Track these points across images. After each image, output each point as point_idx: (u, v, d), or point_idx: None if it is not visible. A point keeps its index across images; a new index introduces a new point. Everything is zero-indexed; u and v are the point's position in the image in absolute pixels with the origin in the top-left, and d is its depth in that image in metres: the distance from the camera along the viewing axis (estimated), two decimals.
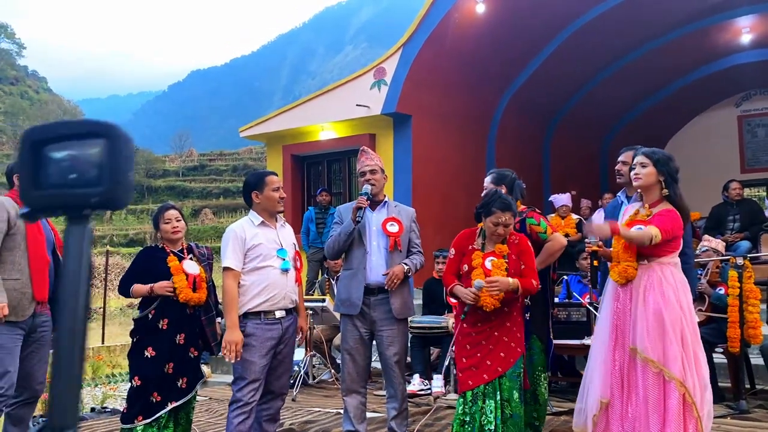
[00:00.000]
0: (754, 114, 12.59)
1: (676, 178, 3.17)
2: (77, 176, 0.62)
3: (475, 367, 3.28)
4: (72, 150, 0.62)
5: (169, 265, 3.64)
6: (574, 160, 11.78)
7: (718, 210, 7.98)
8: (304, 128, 9.37)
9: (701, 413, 2.90)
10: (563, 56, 9.71)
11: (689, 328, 2.99)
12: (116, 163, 0.62)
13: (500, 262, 3.31)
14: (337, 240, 3.74)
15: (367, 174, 3.82)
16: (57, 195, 0.63)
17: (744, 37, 10.24)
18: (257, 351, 3.32)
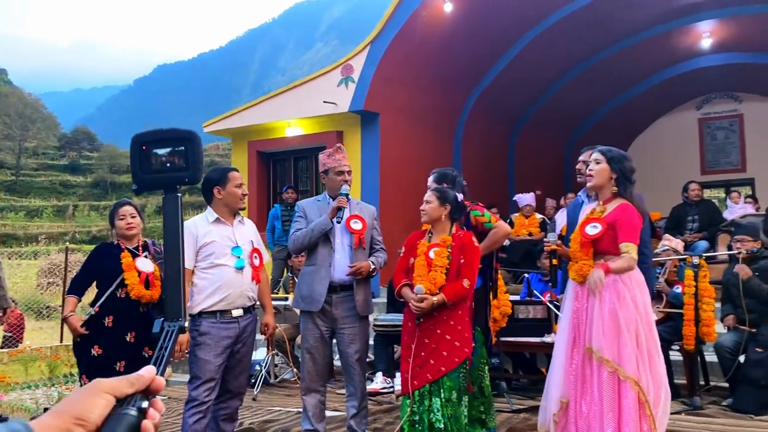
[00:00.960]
0: (714, 117, 12.89)
1: (629, 177, 3.19)
2: (171, 165, 0.95)
3: (419, 366, 3.31)
4: (167, 148, 0.96)
5: (121, 261, 3.57)
6: (540, 160, 11.91)
7: (677, 210, 8.14)
8: (270, 124, 9.29)
9: (654, 412, 2.93)
10: (530, 57, 9.80)
11: (644, 328, 3.02)
12: (196, 156, 0.96)
13: (442, 250, 3.41)
14: (309, 236, 3.68)
15: (345, 174, 3.80)
16: (159, 177, 0.96)
17: (704, 41, 10.46)
18: (212, 350, 3.27)
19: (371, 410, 4.86)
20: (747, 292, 4.76)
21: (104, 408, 0.71)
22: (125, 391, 0.74)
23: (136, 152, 0.97)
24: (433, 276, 3.37)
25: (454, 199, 3.56)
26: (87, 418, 0.70)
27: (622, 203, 3.14)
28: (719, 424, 4.30)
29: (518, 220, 8.37)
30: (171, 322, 0.90)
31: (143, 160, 0.96)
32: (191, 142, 0.96)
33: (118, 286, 3.60)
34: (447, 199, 3.53)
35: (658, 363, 3.03)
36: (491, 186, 10.18)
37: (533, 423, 4.36)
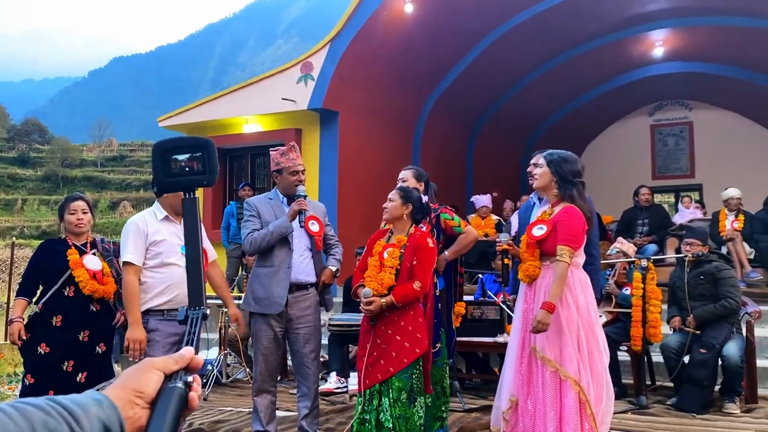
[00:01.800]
0: (665, 124, 13.26)
1: (570, 179, 3.21)
2: (190, 169, 1.05)
3: (371, 366, 3.32)
4: (186, 154, 1.05)
5: (68, 258, 3.46)
6: (497, 162, 12.05)
7: (628, 214, 8.34)
8: (227, 120, 9.16)
9: (595, 411, 2.99)
10: (488, 61, 9.91)
11: (585, 329, 3.06)
12: (212, 162, 1.05)
13: (395, 251, 3.43)
14: (268, 238, 3.60)
15: (300, 174, 3.74)
16: (179, 180, 1.06)
17: (657, 50, 10.75)
18: (160, 347, 3.20)
19: (324, 410, 4.83)
20: (691, 297, 4.90)
21: (157, 382, 0.82)
22: (172, 368, 0.85)
23: (157, 158, 1.06)
24: (382, 276, 3.38)
25: (418, 199, 3.57)
26: (144, 391, 0.81)
27: (567, 206, 3.18)
28: (663, 422, 4.41)
29: (474, 221, 8.46)
30: (194, 310, 1.00)
31: (164, 165, 1.05)
32: (207, 148, 1.05)
33: (65, 284, 3.49)
34: (410, 198, 3.53)
35: (599, 363, 3.08)
36: (450, 187, 10.24)
37: (485, 422, 4.40)
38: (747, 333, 4.94)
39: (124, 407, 0.78)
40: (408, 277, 3.38)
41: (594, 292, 3.60)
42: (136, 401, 0.80)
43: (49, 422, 0.70)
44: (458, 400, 4.90)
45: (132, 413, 0.79)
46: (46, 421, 0.70)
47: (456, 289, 4.14)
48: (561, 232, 3.09)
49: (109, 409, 0.76)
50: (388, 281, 3.35)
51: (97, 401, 0.76)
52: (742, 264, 7.34)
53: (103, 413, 0.75)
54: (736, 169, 11.54)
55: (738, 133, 12.41)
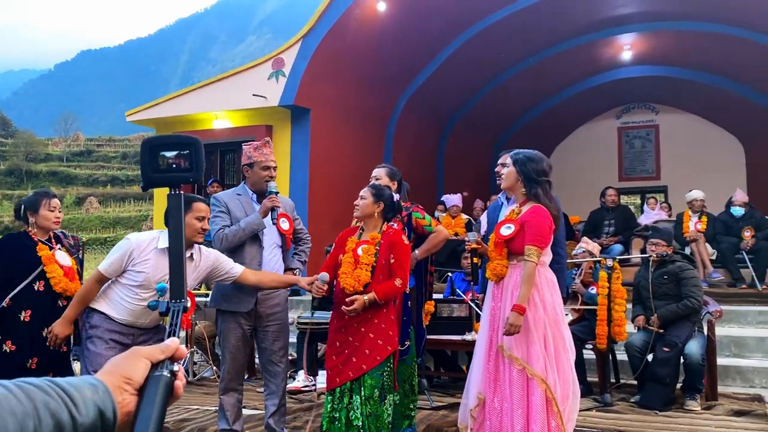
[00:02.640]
0: (632, 126, 13.49)
1: (535, 178, 3.24)
2: (177, 166, 1.08)
3: (342, 364, 3.30)
4: (174, 151, 1.08)
5: (39, 254, 3.39)
6: (468, 161, 12.13)
7: (595, 215, 8.47)
8: (197, 116, 9.05)
9: (562, 408, 3.02)
10: (460, 61, 9.96)
11: (552, 327, 3.10)
12: (199, 160, 1.09)
13: (370, 248, 3.41)
14: (240, 235, 3.55)
15: (272, 170, 3.69)
16: (166, 177, 1.08)
17: (625, 53, 10.94)
18: (102, 343, 3.11)
19: (292, 408, 4.80)
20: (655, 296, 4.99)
21: (144, 370, 0.85)
22: (158, 357, 0.87)
23: (146, 154, 1.09)
24: (358, 273, 3.36)
25: (389, 197, 3.56)
26: (133, 378, 0.84)
27: (534, 206, 3.21)
28: (627, 419, 4.48)
29: (445, 220, 8.51)
30: (175, 302, 1.03)
31: (152, 161, 1.08)
32: (195, 146, 1.08)
33: (35, 279, 3.42)
34: (382, 196, 3.51)
35: (565, 362, 3.11)
36: (421, 186, 10.27)
37: (452, 420, 4.42)
38: (708, 332, 5.04)
39: (114, 393, 0.80)
40: (384, 275, 3.38)
41: (560, 291, 3.65)
42: (125, 387, 0.82)
43: (50, 403, 0.72)
44: (426, 397, 4.91)
45: (121, 399, 0.81)
46: (47, 401, 0.72)
47: (426, 288, 4.16)
48: (529, 232, 3.12)
49: (104, 393, 0.78)
50: (365, 278, 3.34)
51: (93, 385, 0.78)
52: (705, 264, 7.51)
53: (99, 398, 0.77)
54: (701, 172, 11.80)
55: (702, 136, 12.70)
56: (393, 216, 3.62)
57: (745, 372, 5.55)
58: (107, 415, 0.77)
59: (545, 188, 3.24)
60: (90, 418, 0.75)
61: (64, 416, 0.72)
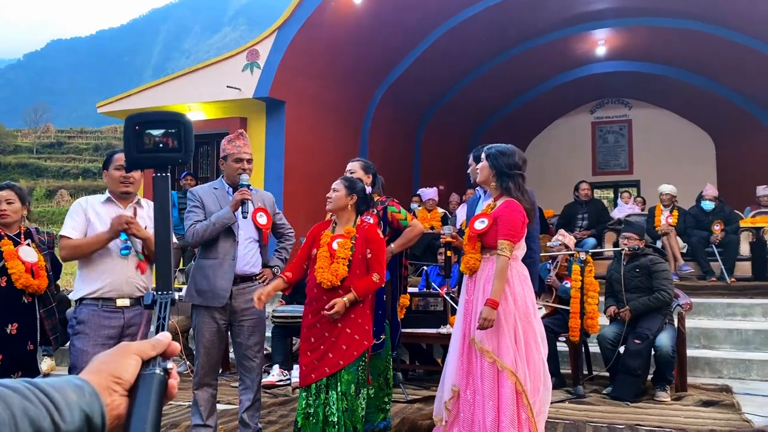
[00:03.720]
0: (605, 121, 13.64)
1: (507, 172, 3.27)
2: (164, 145, 0.99)
3: (317, 359, 3.28)
4: (161, 129, 0.99)
5: (1, 249, 3.31)
6: (445, 155, 12.15)
7: (568, 208, 8.55)
8: (169, 107, 8.90)
9: (532, 401, 3.05)
10: (436, 54, 9.97)
11: (523, 321, 3.12)
12: (188, 139, 1.00)
13: (346, 242, 3.39)
14: (211, 229, 3.50)
15: (244, 162, 3.63)
16: (152, 157, 0.99)
17: (599, 48, 11.04)
18: (90, 339, 3.05)
19: (266, 403, 4.78)
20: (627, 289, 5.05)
21: (135, 368, 0.78)
22: (150, 353, 0.80)
23: (130, 131, 1.00)
24: (335, 268, 3.33)
25: (362, 190, 3.54)
26: (123, 377, 0.76)
27: (507, 200, 3.23)
28: (599, 411, 4.54)
29: (421, 213, 8.51)
30: (162, 294, 0.94)
31: (137, 140, 0.99)
32: (184, 125, 0.99)
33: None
34: (355, 189, 3.49)
35: (536, 355, 3.13)
36: (397, 179, 10.27)
37: (427, 413, 4.43)
38: (678, 324, 5.13)
39: (102, 394, 0.73)
40: (360, 269, 3.37)
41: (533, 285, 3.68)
42: (115, 388, 0.75)
43: (29, 409, 0.66)
44: (401, 390, 4.92)
45: (110, 400, 0.74)
46: (26, 407, 0.65)
47: (401, 282, 4.16)
48: (501, 226, 3.14)
49: (90, 396, 0.72)
50: (342, 272, 3.32)
51: (78, 387, 0.71)
52: (676, 258, 7.63)
53: (85, 401, 0.71)
54: (672, 166, 11.99)
55: (674, 131, 12.89)
56: (366, 209, 3.60)
57: (714, 363, 5.66)
58: (95, 420, 0.71)
59: (517, 182, 3.26)
60: (75, 425, 0.68)
61: (46, 424, 0.66)
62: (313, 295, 3.36)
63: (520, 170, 3.29)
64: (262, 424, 3.97)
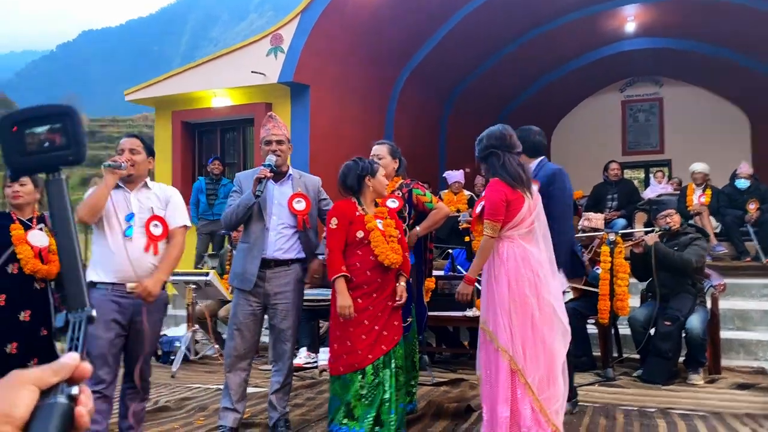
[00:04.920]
0: (636, 99, 13.33)
1: (483, 155, 3.29)
2: (51, 144, 0.85)
3: (374, 340, 3.27)
4: (44, 126, 0.85)
5: (11, 233, 3.32)
6: (470, 138, 11.95)
7: (598, 189, 8.40)
8: (196, 94, 8.96)
9: (530, 381, 3.06)
10: (462, 35, 9.82)
11: (517, 303, 3.09)
12: (78, 133, 0.87)
13: (389, 221, 3.42)
14: (234, 212, 3.54)
15: (273, 144, 3.62)
16: (38, 159, 0.85)
17: (629, 25, 10.75)
18: (101, 324, 3.05)
19: (294, 386, 4.80)
20: (659, 263, 4.92)
21: (29, 400, 0.65)
22: (50, 380, 0.68)
23: (6, 134, 0.86)
24: (395, 248, 3.35)
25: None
26: (13, 414, 0.64)
27: (491, 181, 3.25)
28: (629, 394, 4.47)
29: (447, 196, 8.44)
30: (75, 312, 0.81)
31: (17, 142, 0.86)
32: (70, 116, 0.86)
33: (8, 261, 3.33)
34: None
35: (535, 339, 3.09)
36: (422, 162, 10.20)
37: (453, 396, 4.42)
38: (712, 306, 5.01)
39: None
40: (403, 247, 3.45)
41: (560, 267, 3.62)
42: (3, 429, 0.63)
43: None
44: (427, 374, 4.91)
45: None
46: None
47: (426, 265, 4.13)
48: (485, 208, 3.18)
49: None
50: (401, 251, 3.38)
51: None
52: (709, 238, 7.45)
53: None
54: (705, 145, 11.66)
55: (707, 108, 12.54)
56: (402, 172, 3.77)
57: (749, 345, 5.53)
58: None
59: (492, 161, 3.25)
60: None
61: None
62: (365, 279, 3.29)
63: (495, 147, 3.26)
64: (288, 407, 4.00)
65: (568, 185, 3.78)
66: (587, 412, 4.00)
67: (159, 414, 4.14)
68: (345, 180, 3.46)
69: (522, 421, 3.03)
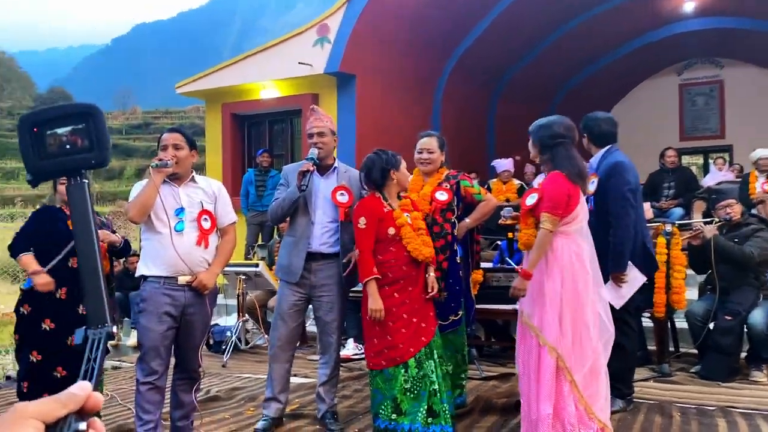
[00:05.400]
0: (694, 83, 12.83)
1: (548, 143, 3.20)
2: (72, 146, 0.81)
3: (414, 333, 3.27)
4: (66, 127, 0.81)
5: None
6: (519, 125, 11.73)
7: (654, 177, 8.13)
8: (245, 86, 9.05)
9: (577, 378, 2.99)
10: (509, 20, 9.61)
11: (569, 303, 3.03)
12: (101, 134, 0.82)
13: (417, 214, 3.45)
14: (280, 206, 3.56)
15: (315, 136, 3.61)
16: (60, 162, 0.81)
17: (687, 5, 10.34)
18: (153, 316, 3.11)
19: (341, 377, 4.81)
20: (719, 256, 4.72)
21: None
22: (56, 414, 0.62)
23: (26, 135, 0.81)
24: (427, 240, 3.36)
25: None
26: None
27: (551, 173, 3.17)
28: (687, 391, 4.32)
29: (496, 185, 8.30)
30: (96, 329, 0.76)
31: (37, 144, 0.80)
32: (93, 117, 0.81)
33: (69, 255, 3.42)
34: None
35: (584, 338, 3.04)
36: (470, 151, 10.07)
37: (502, 391, 4.36)
38: None
39: None
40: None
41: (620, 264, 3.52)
42: None
43: None
44: (476, 367, 4.85)
45: None
46: None
47: (473, 257, 4.07)
48: (544, 200, 3.09)
49: None
50: (431, 243, 3.40)
51: None
52: None
53: None
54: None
55: None
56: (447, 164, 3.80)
57: None
58: None
59: (559, 151, 3.17)
60: None
61: None
62: (401, 274, 3.29)
63: (564, 138, 3.19)
64: (336, 398, 4.01)
65: (629, 178, 3.68)
66: (641, 409, 3.88)
67: (210, 404, 4.21)
68: (369, 173, 3.40)
69: (566, 418, 2.99)
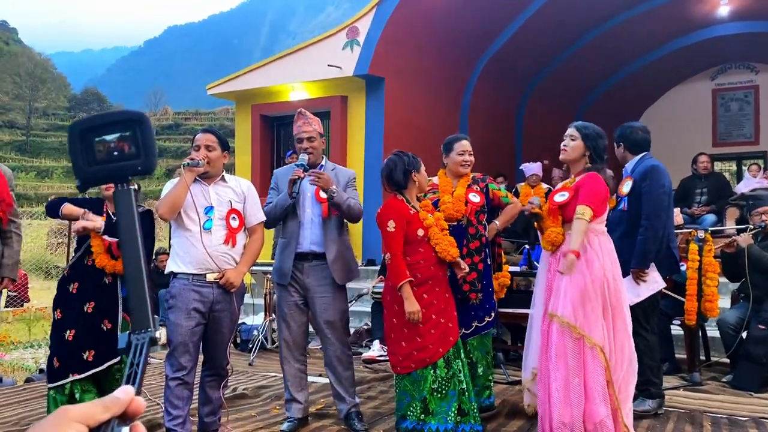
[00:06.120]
0: (728, 88, 12.60)
1: (602, 155, 3.22)
2: (120, 153, 0.82)
3: (443, 333, 3.27)
4: (114, 134, 0.82)
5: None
6: (548, 129, 11.67)
7: (686, 183, 7.99)
8: (274, 87, 9.14)
9: (615, 378, 2.97)
10: (540, 23, 9.55)
11: (612, 298, 3.02)
12: (149, 141, 0.83)
13: (438, 214, 3.47)
14: (273, 212, 3.58)
15: (305, 141, 3.61)
16: (106, 168, 0.82)
17: (722, 8, 10.15)
18: (181, 313, 3.15)
19: (366, 378, 4.84)
20: (753, 265, 4.64)
21: None
22: (99, 417, 0.62)
23: (76, 142, 0.83)
24: (452, 241, 3.37)
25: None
26: None
27: (591, 173, 3.16)
28: (718, 400, 4.23)
29: (524, 189, 8.24)
30: (139, 333, 0.77)
31: (86, 150, 0.82)
32: (141, 124, 0.83)
33: (86, 252, 3.49)
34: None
35: (622, 332, 3.05)
36: (499, 155, 10.03)
37: None
38: None
39: None
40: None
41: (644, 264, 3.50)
42: None
43: None
44: (502, 371, 4.82)
45: None
46: None
47: (494, 260, 4.06)
48: (582, 193, 3.06)
49: None
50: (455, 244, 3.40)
51: None
52: None
53: None
54: None
55: None
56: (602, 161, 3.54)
57: None
58: None
59: (605, 166, 3.22)
60: None
61: None
62: (429, 274, 3.30)
63: (607, 155, 3.27)
64: (361, 398, 4.01)
65: (664, 181, 3.77)
66: (671, 418, 3.82)
67: (237, 401, 4.25)
68: (391, 175, 3.37)
69: (596, 418, 2.95)
